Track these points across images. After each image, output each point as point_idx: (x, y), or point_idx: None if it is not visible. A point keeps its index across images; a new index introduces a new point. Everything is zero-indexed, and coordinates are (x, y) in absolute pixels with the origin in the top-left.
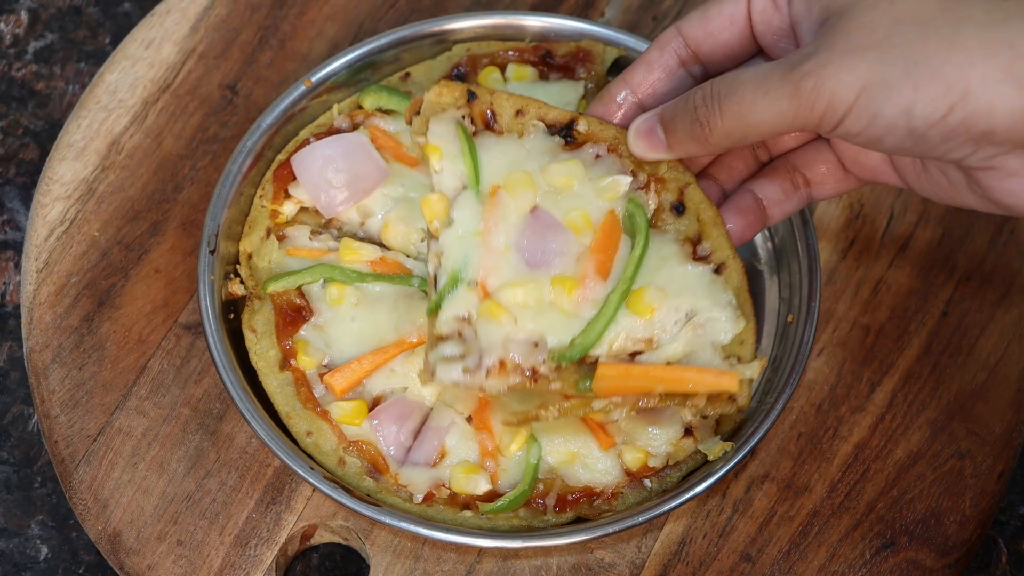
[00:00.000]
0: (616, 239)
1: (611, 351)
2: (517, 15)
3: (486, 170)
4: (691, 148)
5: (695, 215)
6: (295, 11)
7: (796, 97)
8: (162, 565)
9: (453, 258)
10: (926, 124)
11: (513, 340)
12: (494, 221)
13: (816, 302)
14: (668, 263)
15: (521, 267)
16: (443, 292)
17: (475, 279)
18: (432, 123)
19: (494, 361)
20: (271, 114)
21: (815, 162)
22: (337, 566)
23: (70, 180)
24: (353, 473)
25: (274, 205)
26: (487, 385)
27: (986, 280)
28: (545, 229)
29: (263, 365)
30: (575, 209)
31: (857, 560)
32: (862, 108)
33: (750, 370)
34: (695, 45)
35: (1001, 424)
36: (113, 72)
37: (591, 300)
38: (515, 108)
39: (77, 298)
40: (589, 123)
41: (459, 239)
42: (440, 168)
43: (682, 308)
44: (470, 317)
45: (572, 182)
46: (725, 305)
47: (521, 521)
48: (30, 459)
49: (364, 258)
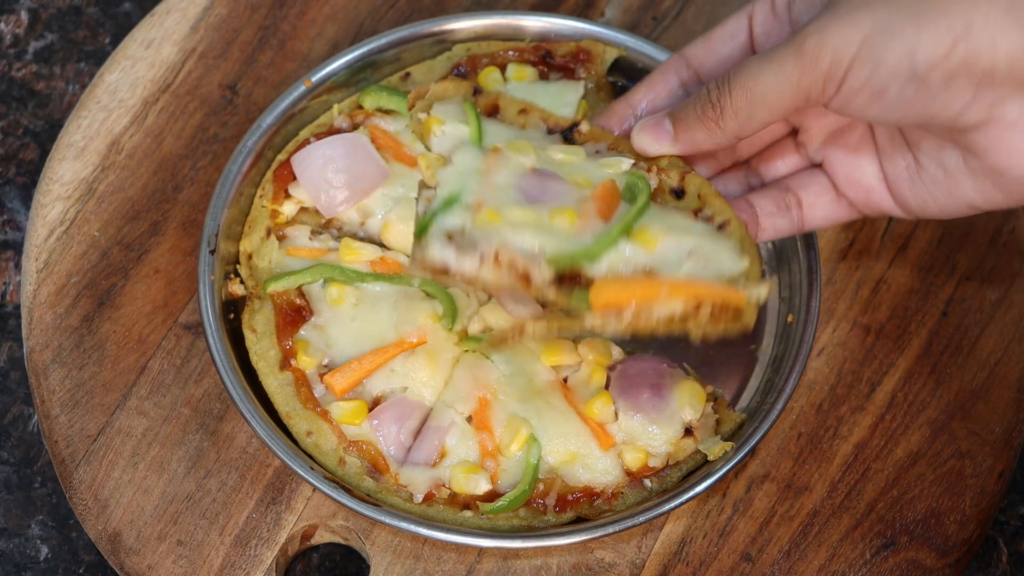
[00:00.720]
0: (616, 197)
1: (609, 274)
2: (517, 15)
3: (489, 136)
4: (699, 134)
5: (695, 195)
6: (295, 11)
7: (800, 57)
8: (162, 565)
9: (449, 187)
10: (929, 64)
11: (510, 242)
12: (495, 165)
13: (816, 302)
14: (670, 218)
15: (521, 200)
16: (434, 212)
17: (472, 203)
18: (436, 105)
19: (489, 252)
20: (271, 114)
21: (808, 184)
22: (337, 566)
23: (70, 180)
24: (353, 473)
25: (274, 205)
26: (480, 274)
27: (986, 280)
28: (546, 179)
29: (263, 365)
30: (576, 173)
31: (857, 560)
32: (865, 57)
33: (759, 291)
34: (697, 63)
35: (1001, 424)
36: (113, 72)
37: (591, 230)
38: (519, 108)
39: (77, 298)
40: (590, 128)
41: (458, 175)
42: (440, 132)
43: (685, 246)
44: (464, 228)
45: (573, 159)
46: (729, 249)
47: (521, 521)
48: (30, 459)
49: (364, 258)
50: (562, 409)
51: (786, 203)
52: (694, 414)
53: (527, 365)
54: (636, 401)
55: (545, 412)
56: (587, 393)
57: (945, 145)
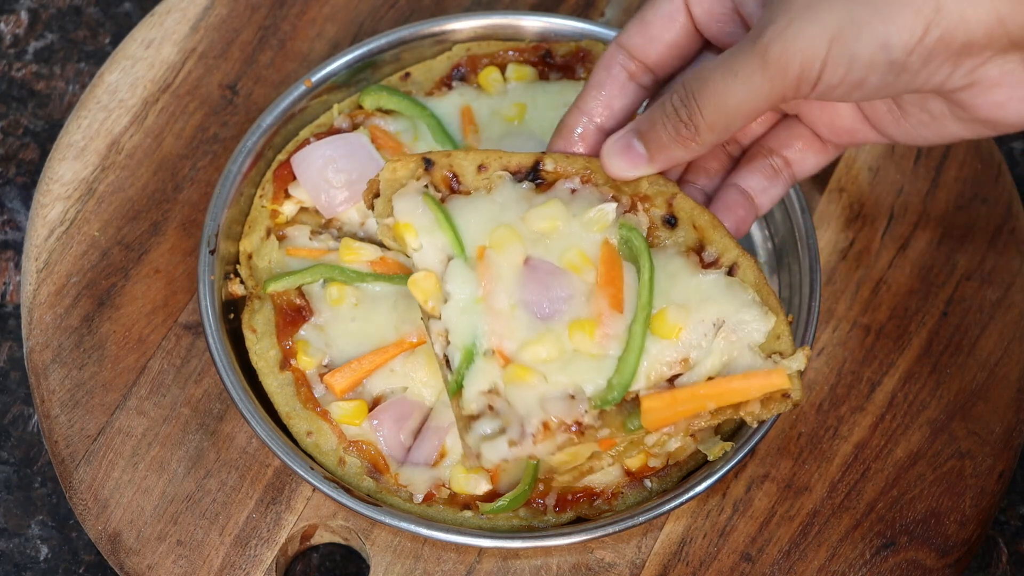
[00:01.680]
0: (619, 268)
1: (649, 382)
2: (517, 15)
3: (467, 234)
4: (676, 153)
5: (690, 223)
6: (295, 11)
7: (766, 68)
8: (162, 565)
9: (461, 333)
10: (905, 51)
11: (548, 398)
12: (491, 283)
13: (816, 302)
14: (679, 278)
15: (533, 323)
16: (460, 370)
17: (490, 348)
18: (395, 201)
19: (536, 426)
20: (271, 114)
21: (790, 140)
22: (337, 566)
23: (70, 180)
24: (353, 473)
25: (274, 205)
26: (536, 452)
27: (986, 280)
28: (545, 277)
29: (263, 365)
30: (568, 249)
31: (857, 560)
32: (837, 56)
33: (796, 362)
34: (641, 55)
35: (1001, 424)
36: (113, 72)
37: (614, 336)
38: (476, 164)
39: (77, 298)
40: (555, 160)
41: (461, 312)
42: (419, 245)
43: (708, 319)
44: (497, 388)
45: (556, 224)
46: (749, 304)
47: (521, 521)
48: (30, 459)
49: (364, 258)
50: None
51: (774, 168)
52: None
53: None
54: None
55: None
56: None
57: (928, 96)
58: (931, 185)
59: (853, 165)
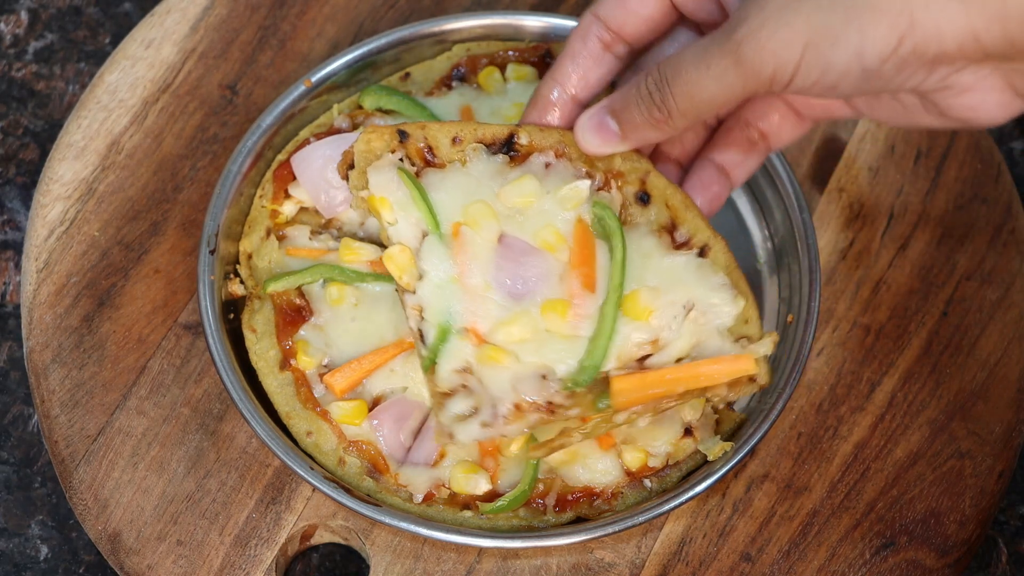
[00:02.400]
0: (592, 248)
1: (620, 362)
2: (517, 15)
3: (441, 209)
4: (649, 134)
5: (663, 202)
6: (295, 11)
7: (739, 66)
8: (162, 565)
9: (435, 311)
10: (879, 60)
11: (521, 379)
12: (465, 261)
13: (816, 302)
14: (651, 259)
15: (507, 302)
16: (435, 347)
17: (464, 327)
18: (370, 173)
19: (509, 408)
20: (271, 114)
21: (766, 112)
22: (337, 566)
23: (70, 180)
24: (353, 473)
25: (274, 205)
26: (507, 431)
27: (986, 280)
28: (519, 256)
29: (263, 365)
30: (542, 227)
31: (857, 560)
32: (811, 62)
33: (763, 347)
34: (616, 26)
35: (1001, 424)
36: (113, 72)
37: (586, 316)
38: (450, 136)
39: (77, 298)
40: (529, 132)
41: (436, 289)
42: (394, 219)
43: (678, 302)
44: (470, 366)
45: (531, 200)
46: (719, 288)
47: (521, 521)
48: (30, 459)
49: (364, 258)
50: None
51: (750, 140)
52: (694, 414)
53: None
54: None
55: None
56: None
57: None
58: (931, 185)
59: (853, 165)
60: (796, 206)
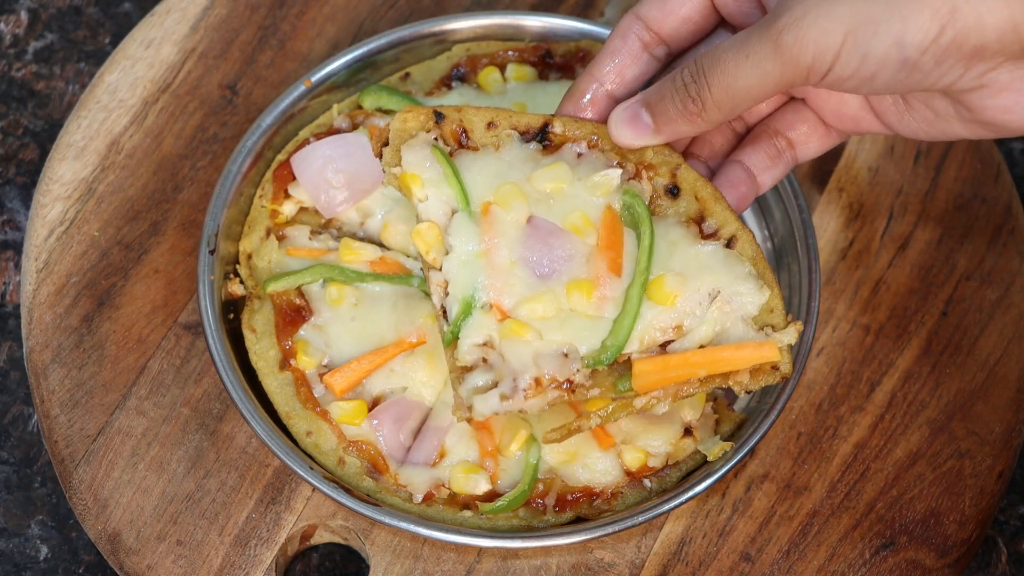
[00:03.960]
0: (620, 233)
1: (642, 346)
2: (517, 15)
3: (472, 189)
4: (682, 128)
5: (692, 194)
6: (295, 11)
7: (778, 55)
8: (162, 565)
9: (460, 285)
10: (918, 50)
11: (542, 355)
12: (493, 239)
13: (816, 302)
14: (678, 247)
15: (532, 281)
16: (457, 321)
17: (488, 302)
18: (404, 151)
19: (529, 381)
20: (271, 114)
21: (795, 122)
22: (337, 566)
23: (70, 180)
24: (353, 473)
25: (274, 205)
26: (527, 407)
27: (986, 280)
28: (547, 236)
29: (263, 365)
30: (571, 211)
31: (857, 560)
32: (851, 50)
33: (787, 336)
34: (656, 26)
35: (1001, 424)
36: (113, 72)
37: (610, 299)
38: (485, 121)
39: (77, 298)
40: (564, 123)
41: (462, 264)
42: (424, 196)
43: (703, 289)
44: (492, 341)
45: (561, 185)
46: (745, 277)
47: (521, 521)
48: (30, 459)
49: (364, 258)
50: (562, 409)
51: (778, 148)
52: (693, 414)
53: None
54: None
55: (545, 412)
56: None
57: (935, 95)
58: (931, 185)
59: (853, 165)
60: (796, 206)
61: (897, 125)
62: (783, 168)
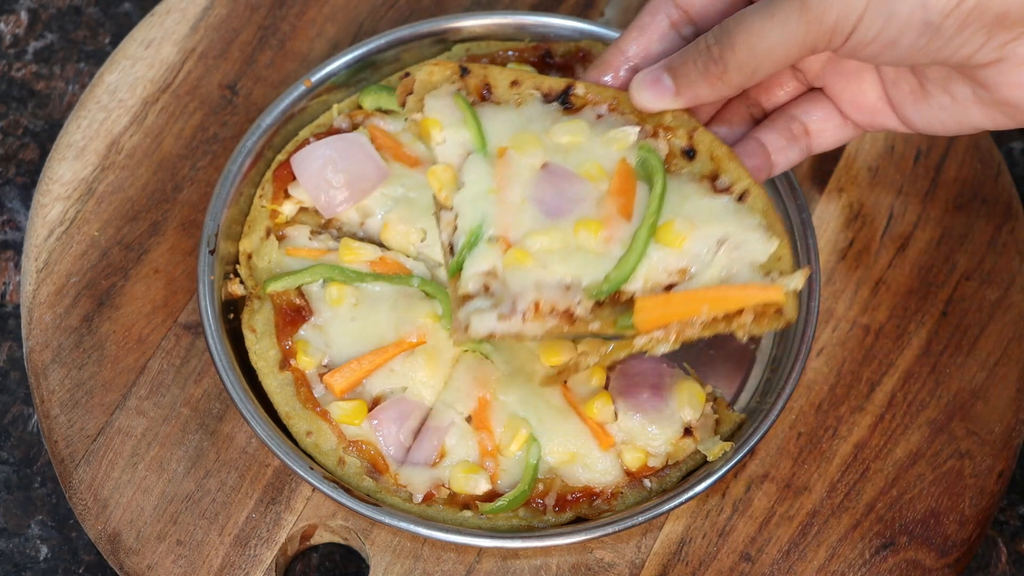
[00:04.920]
0: (632, 184)
1: (646, 286)
2: (517, 15)
3: (490, 135)
4: (702, 91)
5: (708, 155)
6: (295, 11)
7: (804, 12)
8: (162, 565)
9: (469, 217)
10: (941, 14)
11: (545, 284)
12: (506, 178)
13: (816, 302)
14: (690, 199)
15: (541, 217)
16: (463, 252)
17: (495, 235)
18: (427, 100)
19: (528, 304)
20: (271, 114)
21: (811, 110)
22: (337, 566)
23: (70, 180)
24: (353, 473)
25: (274, 205)
26: (524, 330)
27: (986, 280)
28: (560, 180)
29: (263, 365)
30: (586, 161)
31: (857, 560)
32: (875, 11)
33: (794, 281)
34: (686, 3)
35: (1001, 424)
36: (113, 72)
37: (618, 240)
38: (510, 79)
39: (77, 298)
40: (586, 87)
41: (473, 199)
42: (442, 139)
43: (713, 235)
44: (496, 271)
45: (579, 139)
46: (756, 227)
47: (521, 521)
48: (30, 459)
49: (364, 258)
50: (562, 409)
51: (793, 133)
52: (693, 414)
53: (527, 365)
54: (636, 401)
55: (545, 412)
56: (587, 393)
57: (952, 76)
58: (931, 185)
59: (853, 165)
60: (796, 206)
61: (913, 115)
62: (798, 153)
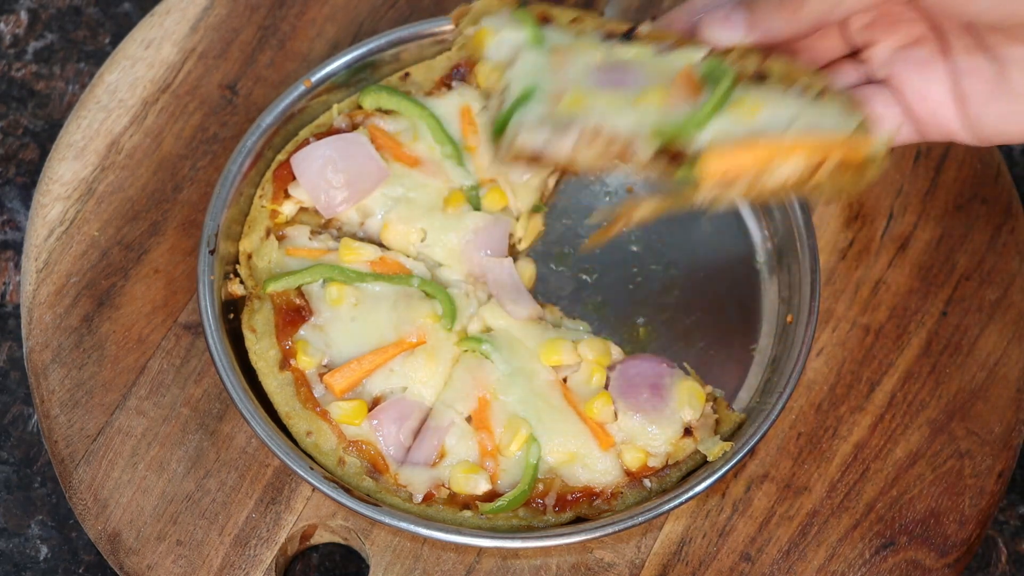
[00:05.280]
0: (697, 85)
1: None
2: None
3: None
4: (776, 24)
5: (780, 76)
6: (295, 11)
7: None
8: (162, 565)
9: (522, 81)
10: None
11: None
12: (563, 65)
13: (816, 302)
14: (764, 90)
15: (602, 87)
16: (513, 106)
17: (550, 93)
18: (484, 20)
19: (587, 127)
20: (271, 114)
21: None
22: (337, 566)
23: (70, 180)
24: (353, 473)
25: (274, 205)
26: (573, 155)
27: (986, 280)
28: (619, 71)
29: (263, 365)
30: (650, 65)
31: (857, 560)
32: None
33: (886, 135)
34: None
35: (1001, 424)
36: (113, 72)
37: (684, 110)
38: (570, 17)
39: (77, 298)
40: (651, 28)
41: (526, 72)
42: (496, 42)
43: (788, 112)
44: (550, 115)
45: (641, 56)
46: (835, 110)
47: (521, 521)
48: (30, 459)
49: (364, 258)
50: (562, 409)
51: None
52: (693, 414)
53: (527, 365)
54: (636, 401)
55: (545, 412)
56: (587, 393)
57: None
58: (931, 185)
59: None
60: (796, 206)
61: (985, 113)
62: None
